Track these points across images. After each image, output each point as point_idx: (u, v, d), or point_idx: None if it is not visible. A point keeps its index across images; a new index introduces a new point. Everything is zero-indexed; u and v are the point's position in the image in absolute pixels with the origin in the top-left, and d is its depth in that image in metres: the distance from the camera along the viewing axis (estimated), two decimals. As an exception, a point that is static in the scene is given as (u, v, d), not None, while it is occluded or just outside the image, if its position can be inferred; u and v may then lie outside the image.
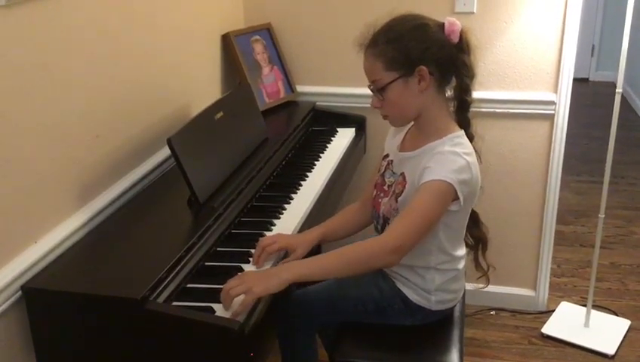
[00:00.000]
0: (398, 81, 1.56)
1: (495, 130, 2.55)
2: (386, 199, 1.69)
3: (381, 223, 1.73)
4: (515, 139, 2.57)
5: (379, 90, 1.59)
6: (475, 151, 1.64)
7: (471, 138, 1.65)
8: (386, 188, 1.72)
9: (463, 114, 1.65)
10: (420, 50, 1.54)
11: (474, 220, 1.77)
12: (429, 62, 1.54)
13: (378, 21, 1.60)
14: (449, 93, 1.64)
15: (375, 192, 1.75)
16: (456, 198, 1.55)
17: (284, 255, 1.68)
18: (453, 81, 1.62)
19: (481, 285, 1.83)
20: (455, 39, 1.56)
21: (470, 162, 1.57)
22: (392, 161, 1.73)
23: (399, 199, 1.64)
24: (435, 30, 1.56)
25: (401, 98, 1.59)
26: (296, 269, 1.51)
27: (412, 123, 1.70)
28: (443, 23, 1.57)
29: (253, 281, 1.44)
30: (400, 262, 1.57)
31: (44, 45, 1.52)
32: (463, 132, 1.63)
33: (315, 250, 1.77)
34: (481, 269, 1.81)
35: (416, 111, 1.62)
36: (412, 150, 1.66)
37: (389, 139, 1.81)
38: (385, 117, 1.66)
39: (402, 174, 1.66)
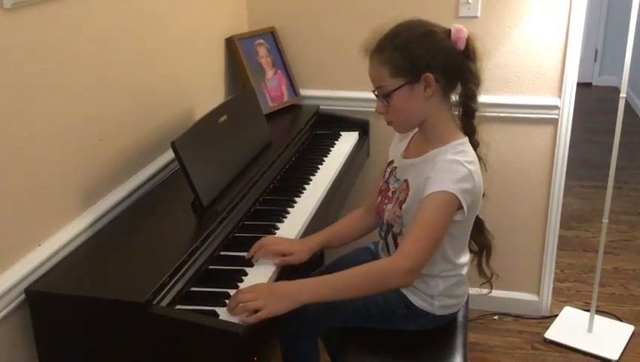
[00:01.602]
0: (403, 87, 1.55)
1: (498, 135, 2.54)
2: (390, 206, 1.69)
3: (385, 230, 1.72)
4: (519, 143, 2.57)
5: (384, 96, 1.58)
6: (480, 158, 1.63)
7: (476, 145, 1.64)
8: (390, 194, 1.71)
9: (468, 121, 1.64)
10: (426, 58, 1.53)
11: (479, 227, 1.77)
12: (436, 70, 1.54)
13: (384, 26, 1.59)
14: (454, 98, 1.63)
15: (380, 198, 1.75)
16: (461, 208, 1.55)
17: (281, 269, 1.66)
18: (459, 88, 1.61)
19: (484, 291, 1.82)
20: (461, 46, 1.56)
21: (472, 171, 1.56)
22: (396, 167, 1.73)
23: (403, 207, 1.63)
24: (442, 37, 1.56)
25: (407, 104, 1.58)
26: (312, 292, 1.50)
27: (417, 129, 1.70)
28: (449, 30, 1.56)
29: (268, 300, 1.43)
30: None
31: (47, 49, 1.52)
32: (466, 139, 1.62)
33: (318, 257, 1.77)
34: (484, 276, 1.80)
35: (420, 118, 1.62)
36: (415, 157, 1.66)
37: (393, 145, 1.80)
38: (389, 123, 1.65)
39: (406, 181, 1.66)
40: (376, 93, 1.61)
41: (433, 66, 1.53)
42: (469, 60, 1.58)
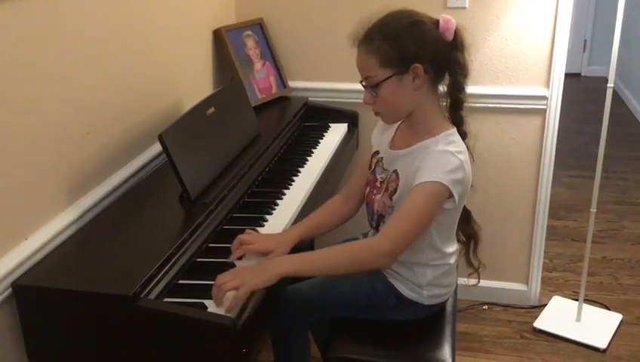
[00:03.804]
0: (392, 78, 1.55)
1: (487, 125, 2.55)
2: (379, 196, 1.69)
3: (375, 219, 1.72)
4: (507, 134, 2.58)
5: (372, 86, 1.58)
6: (468, 149, 1.63)
7: (464, 136, 1.64)
8: (378, 184, 1.71)
9: (456, 112, 1.64)
10: (415, 48, 1.53)
11: (466, 218, 1.78)
12: (424, 60, 1.53)
13: (372, 16, 1.58)
14: (442, 90, 1.63)
15: (368, 189, 1.75)
16: (451, 196, 1.55)
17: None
18: (447, 79, 1.61)
19: (472, 281, 1.83)
20: (450, 37, 1.56)
21: (463, 161, 1.57)
22: (382, 158, 1.73)
23: (394, 197, 1.63)
24: (430, 28, 1.55)
25: (395, 95, 1.58)
26: (289, 264, 1.51)
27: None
28: (438, 20, 1.56)
29: (246, 276, 1.44)
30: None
31: (34, 42, 1.50)
32: (455, 130, 1.63)
33: (307, 248, 1.76)
34: (472, 266, 1.81)
35: (409, 109, 1.61)
36: (404, 148, 1.66)
37: (377, 135, 1.80)
38: (377, 113, 1.65)
39: (395, 171, 1.65)
40: (363, 83, 1.60)
41: (422, 57, 1.53)
42: (457, 51, 1.58)
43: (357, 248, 1.59)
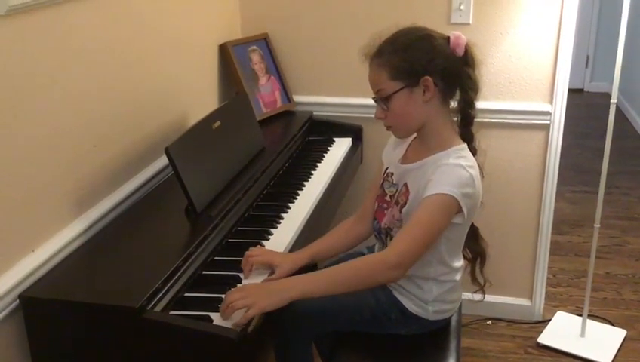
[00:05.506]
0: (403, 90, 1.56)
1: (491, 140, 2.55)
2: (389, 210, 1.70)
3: (383, 234, 1.73)
4: (511, 149, 2.58)
5: (383, 99, 1.59)
6: (478, 165, 1.64)
7: (474, 152, 1.65)
8: (387, 198, 1.72)
9: (466, 128, 1.65)
10: (425, 61, 1.55)
11: (474, 235, 1.78)
12: (434, 73, 1.55)
13: (383, 32, 1.60)
14: (453, 105, 1.64)
15: (377, 204, 1.76)
16: (460, 211, 1.55)
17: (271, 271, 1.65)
18: (457, 95, 1.62)
19: (477, 297, 1.83)
20: (460, 52, 1.57)
21: (474, 175, 1.57)
22: (392, 173, 1.74)
23: (403, 210, 1.64)
24: (441, 43, 1.57)
25: (406, 108, 1.59)
26: (301, 286, 1.51)
27: (414, 135, 1.71)
28: (448, 37, 1.58)
29: (257, 296, 1.44)
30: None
31: (42, 55, 1.52)
32: (466, 145, 1.63)
33: (311, 267, 1.77)
34: (477, 283, 1.81)
35: (420, 122, 1.62)
36: (415, 161, 1.66)
37: (388, 152, 1.80)
38: (388, 128, 1.66)
39: (405, 185, 1.66)
40: (375, 98, 1.62)
41: (432, 70, 1.55)
42: (468, 67, 1.59)
43: (366, 263, 1.58)
